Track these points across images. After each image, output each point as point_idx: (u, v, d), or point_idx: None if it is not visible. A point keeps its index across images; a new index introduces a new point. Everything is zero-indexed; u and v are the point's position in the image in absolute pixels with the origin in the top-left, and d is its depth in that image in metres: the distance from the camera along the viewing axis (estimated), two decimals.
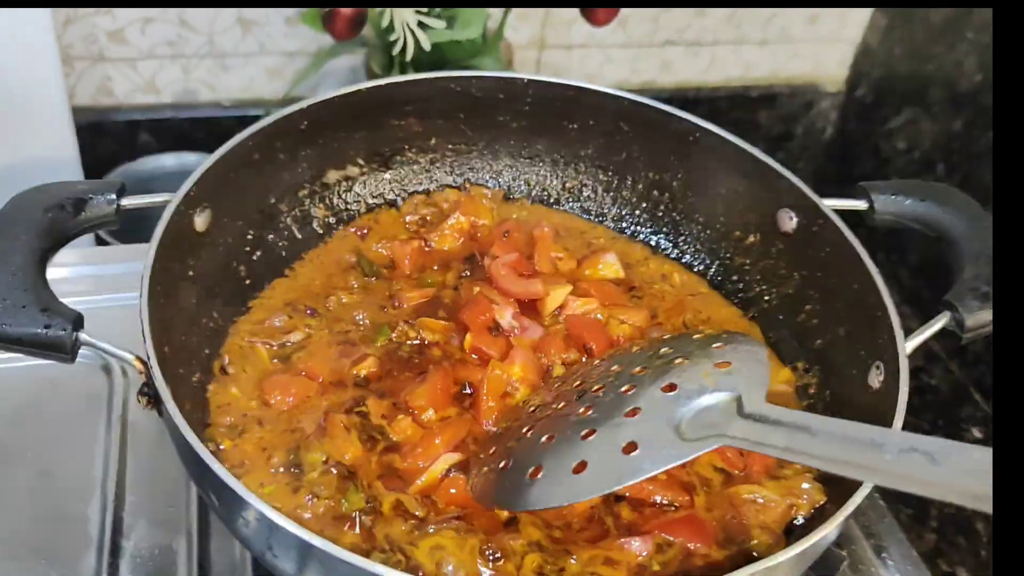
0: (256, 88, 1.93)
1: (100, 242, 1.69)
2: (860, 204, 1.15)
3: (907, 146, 2.02)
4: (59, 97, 1.60)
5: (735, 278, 1.29)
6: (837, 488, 0.98)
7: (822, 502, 1.01)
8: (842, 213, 1.13)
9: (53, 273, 1.36)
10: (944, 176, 1.91)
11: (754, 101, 2.19)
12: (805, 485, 1.02)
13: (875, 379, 1.03)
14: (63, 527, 1.12)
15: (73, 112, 1.66)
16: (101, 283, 1.40)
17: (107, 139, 1.87)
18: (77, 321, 0.94)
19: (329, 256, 1.26)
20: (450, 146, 1.34)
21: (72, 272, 1.42)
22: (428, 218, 1.30)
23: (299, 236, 1.26)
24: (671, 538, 0.96)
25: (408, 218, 1.30)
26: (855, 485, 0.88)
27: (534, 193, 1.38)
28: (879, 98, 2.10)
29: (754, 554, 0.97)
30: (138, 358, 0.95)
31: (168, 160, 1.87)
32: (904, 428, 1.66)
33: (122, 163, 1.85)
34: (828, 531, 0.86)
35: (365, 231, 1.29)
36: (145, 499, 1.15)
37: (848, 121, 2.20)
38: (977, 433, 1.74)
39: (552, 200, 1.38)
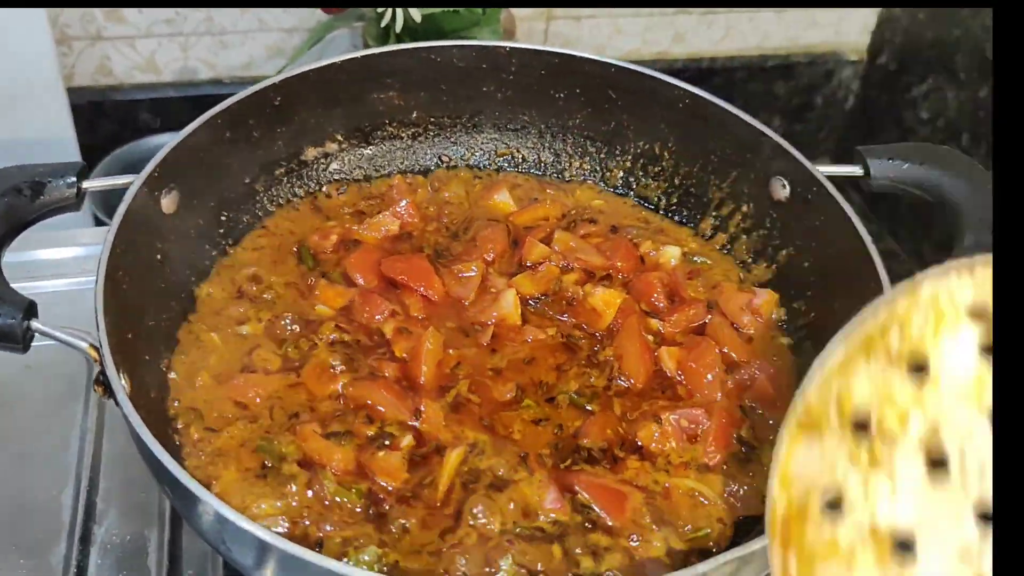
0: (256, 65, 1.90)
1: (99, 223, 1.68)
2: (855, 170, 1.10)
3: (931, 115, 1.94)
4: (53, 76, 1.58)
5: (728, 250, 1.24)
6: None
7: None
8: (838, 180, 1.08)
9: (47, 254, 1.39)
10: (969, 145, 1.84)
11: (771, 71, 2.11)
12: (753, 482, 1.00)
13: None
14: (36, 515, 1.10)
15: (73, 92, 1.65)
16: (88, 264, 1.38)
17: (108, 119, 1.85)
18: (29, 309, 0.92)
19: (279, 236, 1.23)
20: (432, 119, 1.30)
21: (62, 254, 1.40)
22: (362, 209, 1.26)
23: (276, 216, 1.23)
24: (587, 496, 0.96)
25: (346, 209, 1.26)
26: None
27: (521, 169, 1.35)
28: (902, 66, 2.02)
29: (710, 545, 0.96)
30: (92, 346, 0.92)
31: (168, 139, 1.84)
32: None
33: (124, 143, 1.83)
34: None
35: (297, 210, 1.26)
36: (118, 485, 1.14)
37: (870, 90, 2.12)
38: None
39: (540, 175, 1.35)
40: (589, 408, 1.04)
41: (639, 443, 1.01)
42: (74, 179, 1.02)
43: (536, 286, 1.15)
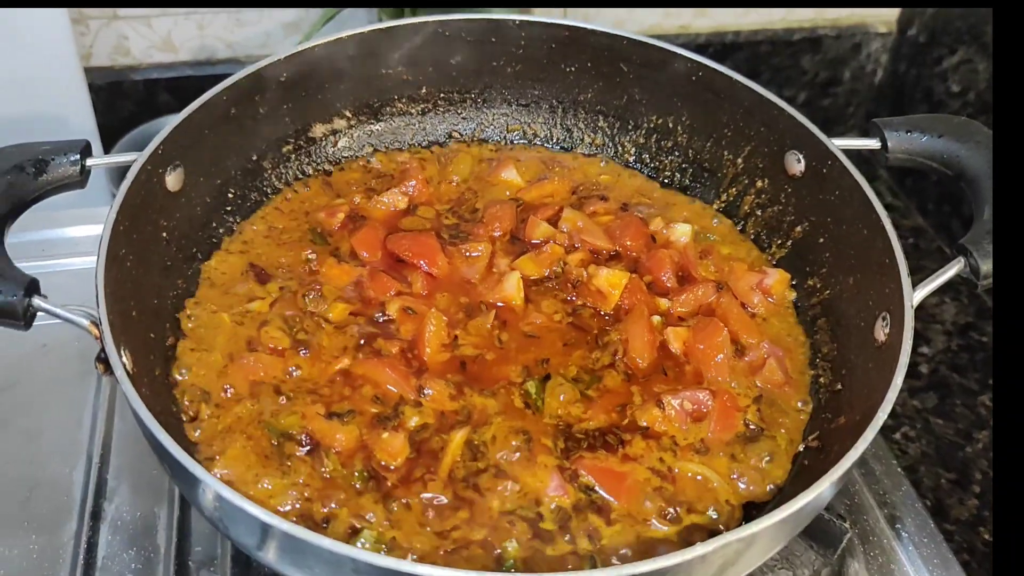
0: (273, 43, 1.88)
1: None
2: (872, 143, 1.06)
3: (962, 88, 1.88)
4: (70, 56, 1.58)
5: (744, 227, 1.21)
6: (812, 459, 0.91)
7: (780, 480, 0.97)
8: (854, 154, 1.05)
9: (62, 233, 1.39)
10: None
11: (797, 45, 2.06)
12: (761, 464, 0.98)
13: (881, 331, 0.96)
14: (47, 492, 1.11)
15: (91, 73, 1.65)
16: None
17: (126, 100, 1.85)
18: (30, 286, 0.91)
19: (287, 214, 1.21)
20: (442, 95, 1.28)
21: (76, 232, 1.41)
22: (373, 186, 1.24)
23: (285, 194, 1.22)
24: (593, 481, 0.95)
25: (356, 187, 1.25)
26: (842, 451, 0.81)
27: (532, 145, 1.32)
28: (933, 37, 1.96)
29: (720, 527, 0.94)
30: (93, 323, 0.91)
31: None
32: (950, 387, 1.57)
33: (142, 123, 1.83)
34: (819, 491, 0.80)
35: (308, 187, 1.25)
36: (129, 463, 1.13)
37: (899, 63, 2.06)
38: None
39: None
40: (590, 394, 1.02)
41: (644, 424, 0.99)
42: (77, 156, 1.01)
43: (539, 267, 1.13)
